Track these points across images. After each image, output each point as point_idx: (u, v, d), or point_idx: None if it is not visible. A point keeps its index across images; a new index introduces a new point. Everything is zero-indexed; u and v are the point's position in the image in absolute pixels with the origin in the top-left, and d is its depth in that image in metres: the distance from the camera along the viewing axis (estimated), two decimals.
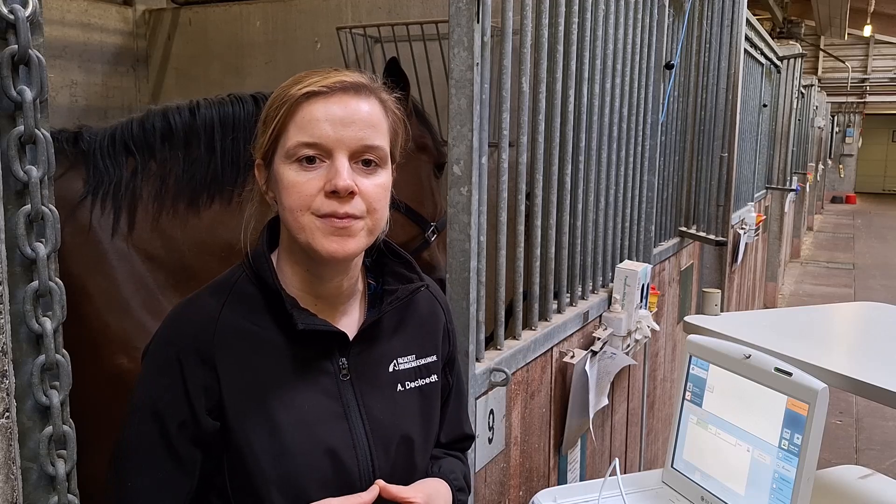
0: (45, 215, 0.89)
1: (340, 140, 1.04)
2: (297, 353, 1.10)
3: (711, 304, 2.15)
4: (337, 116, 1.04)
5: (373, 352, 1.16)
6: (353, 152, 1.05)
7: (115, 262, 1.79)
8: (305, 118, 1.05)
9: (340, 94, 1.06)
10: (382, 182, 1.09)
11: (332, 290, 1.14)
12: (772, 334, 1.92)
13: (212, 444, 1.08)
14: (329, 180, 1.03)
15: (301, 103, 1.05)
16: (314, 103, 1.05)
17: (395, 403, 1.16)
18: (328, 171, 1.04)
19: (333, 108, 1.05)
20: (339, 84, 1.06)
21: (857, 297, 9.22)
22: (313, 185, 1.04)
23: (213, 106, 1.90)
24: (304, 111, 1.05)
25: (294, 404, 1.08)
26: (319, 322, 1.09)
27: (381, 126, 1.09)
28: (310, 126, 1.04)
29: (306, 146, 1.04)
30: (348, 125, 1.04)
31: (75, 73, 3.74)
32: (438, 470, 1.25)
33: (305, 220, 1.04)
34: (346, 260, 1.08)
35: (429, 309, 1.26)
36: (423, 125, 2.32)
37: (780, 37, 9.47)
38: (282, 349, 1.09)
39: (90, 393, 1.47)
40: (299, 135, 1.05)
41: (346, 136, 1.04)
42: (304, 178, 1.04)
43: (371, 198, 1.06)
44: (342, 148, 1.04)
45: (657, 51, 2.87)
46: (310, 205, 1.04)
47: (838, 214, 20.55)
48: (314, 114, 1.04)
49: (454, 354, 1.31)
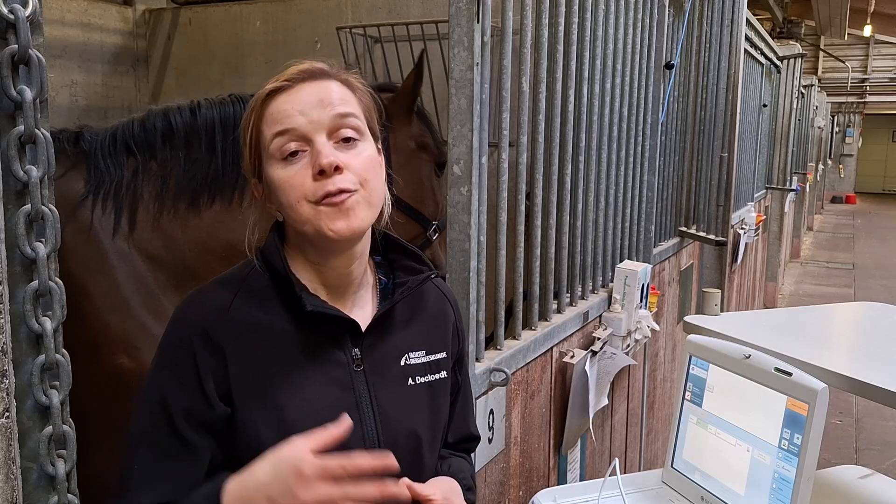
0: (45, 215, 0.89)
1: (313, 122, 1.06)
2: (309, 341, 1.10)
3: (711, 304, 2.15)
4: (304, 102, 1.07)
5: (385, 344, 1.16)
6: (329, 130, 1.07)
7: (116, 261, 1.79)
8: (274, 114, 1.07)
9: (300, 83, 1.08)
10: (367, 154, 1.10)
11: (343, 279, 1.14)
12: (772, 334, 1.92)
13: (221, 432, 1.08)
14: (314, 163, 1.05)
15: (267, 103, 1.08)
16: (279, 98, 1.08)
17: (406, 397, 1.16)
18: (311, 156, 1.06)
19: (298, 96, 1.07)
20: (298, 74, 1.09)
21: (857, 297, 9.22)
22: (301, 174, 1.05)
23: (214, 106, 1.90)
24: (270, 109, 1.08)
25: (303, 394, 1.08)
26: (329, 307, 1.10)
27: (349, 101, 1.11)
28: (280, 118, 1.07)
29: (281, 135, 1.06)
30: (316, 106, 1.07)
31: (75, 73, 3.74)
32: (448, 469, 1.25)
33: (305, 209, 1.06)
34: (353, 237, 1.09)
35: (439, 306, 1.27)
36: (423, 124, 2.32)
37: (780, 37, 9.46)
38: (293, 338, 1.10)
39: (90, 392, 1.47)
40: (272, 128, 1.07)
41: (317, 116, 1.06)
42: (292, 172, 1.06)
43: (359, 169, 1.07)
44: (318, 130, 1.06)
45: (657, 51, 2.87)
46: (304, 193, 1.05)
47: (838, 214, 20.55)
48: (281, 107, 1.07)
49: (463, 353, 1.31)
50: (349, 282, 1.15)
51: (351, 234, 1.07)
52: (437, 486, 1.15)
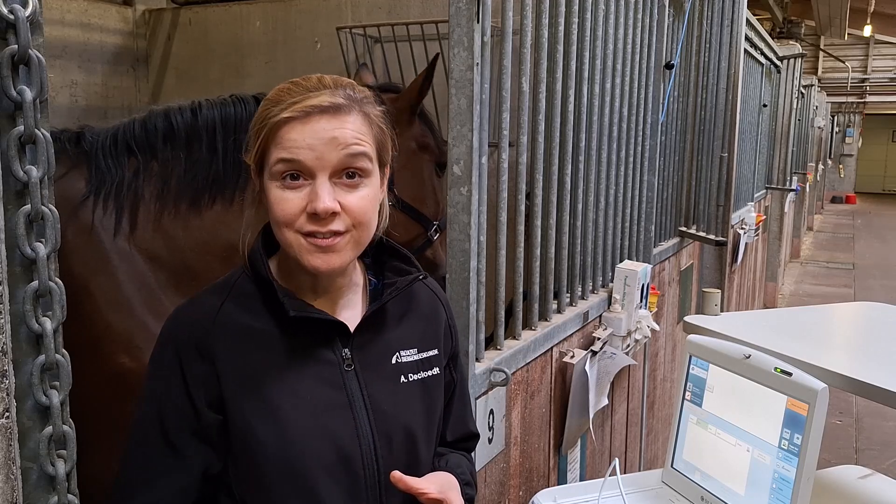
0: (45, 215, 0.89)
1: (320, 160, 1.05)
2: (297, 344, 1.11)
3: (711, 304, 2.15)
4: (315, 138, 1.05)
5: (376, 343, 1.17)
6: (335, 169, 1.06)
7: (118, 261, 1.80)
8: (285, 139, 1.06)
9: (317, 117, 1.06)
10: (367, 194, 1.09)
11: (330, 285, 1.16)
12: (772, 334, 1.92)
13: (216, 441, 1.09)
14: (310, 202, 1.04)
15: (280, 126, 1.06)
16: (292, 127, 1.06)
17: (399, 395, 1.17)
18: (310, 191, 1.05)
19: (311, 131, 1.05)
20: (314, 108, 1.06)
21: (857, 297, 9.22)
22: (296, 204, 1.05)
23: (215, 107, 1.90)
24: (282, 133, 1.06)
25: (297, 394, 1.09)
26: (314, 310, 1.11)
27: (363, 138, 1.09)
28: (289, 145, 1.05)
29: (286, 163, 1.05)
30: (327, 144, 1.05)
31: (75, 73, 3.74)
32: (445, 464, 1.26)
33: (290, 236, 1.07)
34: (331, 273, 1.11)
35: (430, 305, 1.28)
36: (425, 124, 2.32)
37: (780, 37, 9.46)
38: (281, 341, 1.11)
39: (91, 392, 1.47)
40: (279, 152, 1.06)
41: (325, 156, 1.05)
42: (288, 197, 1.06)
43: (355, 213, 1.07)
44: (323, 168, 1.05)
45: (657, 51, 2.87)
46: (293, 223, 1.06)
47: (838, 214, 20.54)
48: (292, 135, 1.05)
49: (456, 351, 1.32)
50: (337, 286, 1.17)
51: (328, 271, 1.08)
52: (432, 480, 1.16)
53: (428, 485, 1.12)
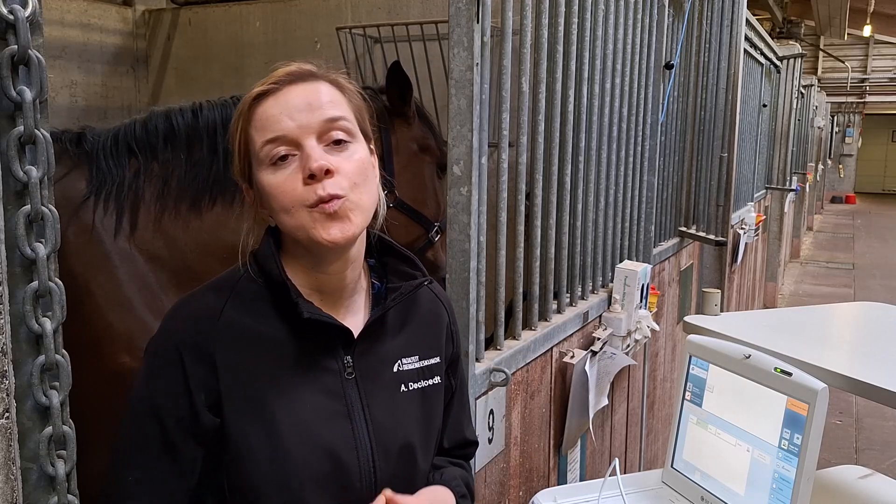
0: (44, 215, 0.89)
1: (302, 126, 1.04)
2: (301, 349, 1.09)
3: (711, 304, 2.15)
4: (292, 105, 1.05)
5: (377, 351, 1.15)
6: (318, 133, 1.05)
7: (118, 261, 1.80)
8: (262, 118, 1.05)
9: (288, 86, 1.06)
10: (359, 156, 1.08)
11: (337, 283, 1.13)
12: (772, 334, 1.92)
13: (210, 443, 1.07)
14: (304, 167, 1.03)
15: (254, 107, 1.06)
16: (266, 102, 1.06)
17: (398, 405, 1.15)
18: (301, 158, 1.04)
19: (286, 99, 1.05)
20: (285, 77, 1.07)
21: (856, 297, 9.22)
22: (292, 178, 1.04)
23: (216, 108, 1.90)
24: (258, 113, 1.06)
25: (294, 403, 1.07)
26: (325, 314, 1.08)
27: (339, 102, 1.08)
28: (269, 123, 1.05)
29: (271, 143, 1.04)
30: (304, 109, 1.05)
31: (75, 74, 3.74)
32: (440, 477, 1.23)
33: (297, 216, 1.04)
34: (348, 243, 1.07)
35: (432, 309, 1.25)
36: (425, 126, 2.32)
37: (779, 37, 9.46)
38: (285, 346, 1.09)
39: (92, 392, 1.47)
40: (262, 135, 1.05)
41: (305, 120, 1.04)
42: (283, 177, 1.04)
43: (350, 172, 1.05)
44: (307, 133, 1.04)
45: (657, 51, 2.87)
46: (296, 199, 1.03)
47: (838, 214, 20.54)
48: (269, 111, 1.05)
49: (457, 355, 1.29)
50: (343, 286, 1.14)
51: (346, 240, 1.05)
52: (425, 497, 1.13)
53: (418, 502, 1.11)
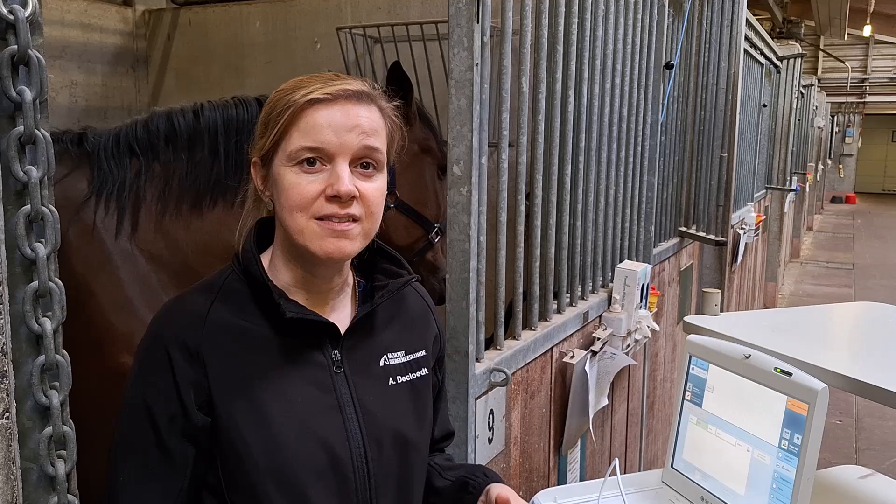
0: (44, 215, 0.89)
1: (342, 145, 1.07)
2: (288, 345, 1.11)
3: (711, 304, 2.15)
4: (339, 123, 1.07)
5: (365, 346, 1.18)
6: (354, 157, 1.08)
7: (120, 261, 1.80)
8: (309, 124, 1.07)
9: (343, 102, 1.08)
10: (380, 186, 1.12)
11: (324, 284, 1.16)
12: (772, 334, 1.92)
13: (202, 441, 1.09)
14: (331, 185, 1.06)
15: (305, 109, 1.08)
16: (318, 110, 1.08)
17: (388, 397, 1.18)
18: (329, 175, 1.06)
19: (336, 115, 1.07)
20: (341, 92, 1.09)
21: (857, 297, 9.22)
22: (314, 188, 1.06)
23: (217, 108, 1.90)
24: (307, 117, 1.08)
25: (286, 396, 1.09)
26: (308, 312, 1.11)
27: (380, 132, 1.12)
28: (313, 131, 1.07)
29: (309, 150, 1.07)
30: (350, 130, 1.07)
31: (75, 74, 3.74)
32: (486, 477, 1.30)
33: (304, 222, 1.07)
34: (342, 260, 1.12)
35: (418, 309, 1.29)
36: (426, 127, 2.32)
37: (779, 37, 9.46)
38: (272, 342, 1.11)
39: (93, 392, 1.47)
40: (302, 139, 1.07)
41: (347, 141, 1.07)
42: (306, 181, 1.06)
43: (370, 201, 1.09)
44: (344, 153, 1.07)
45: (657, 51, 2.87)
46: (309, 207, 1.06)
47: (838, 214, 20.54)
48: (317, 120, 1.07)
49: (443, 355, 1.35)
50: (330, 288, 1.17)
51: (341, 258, 1.09)
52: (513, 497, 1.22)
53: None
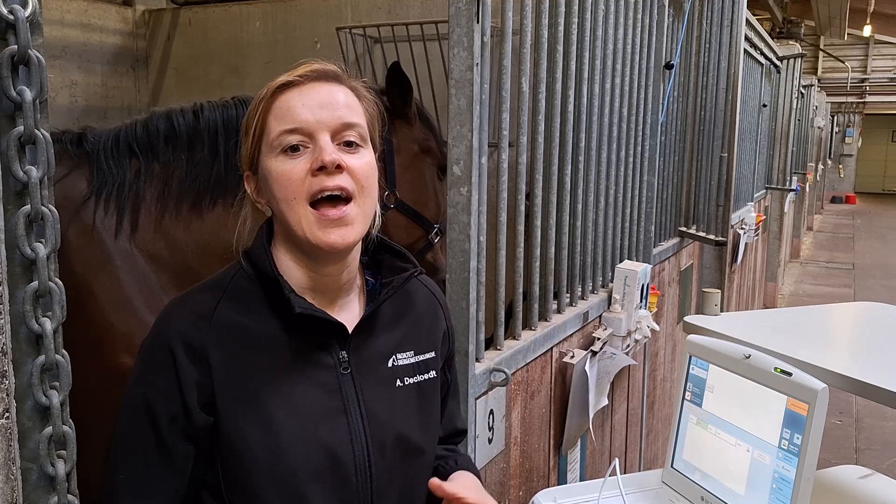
0: (44, 215, 0.89)
1: (320, 122, 1.07)
2: (295, 345, 1.10)
3: (711, 304, 2.15)
4: (313, 101, 1.08)
5: (372, 346, 1.16)
6: (333, 131, 1.08)
7: (119, 261, 1.80)
8: (283, 108, 1.08)
9: (313, 82, 1.10)
10: (368, 161, 1.11)
11: (331, 283, 1.14)
12: (772, 334, 1.92)
13: (203, 441, 1.08)
14: (315, 158, 1.05)
15: (277, 96, 1.09)
16: (289, 93, 1.09)
17: (394, 399, 1.16)
18: (313, 153, 1.06)
19: (308, 94, 1.08)
20: (310, 73, 1.10)
21: (856, 297, 9.22)
22: (300, 168, 1.06)
23: (217, 109, 1.90)
24: (280, 102, 1.09)
25: (290, 398, 1.08)
26: (317, 310, 1.10)
27: (356, 108, 1.12)
28: (289, 114, 1.07)
29: (288, 133, 1.07)
30: (325, 107, 1.08)
31: (75, 74, 3.74)
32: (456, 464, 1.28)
33: (300, 210, 1.06)
34: (346, 250, 1.10)
35: (428, 307, 1.27)
36: (427, 128, 2.32)
37: (779, 37, 9.46)
38: (279, 342, 1.10)
39: (93, 392, 1.47)
40: (280, 124, 1.07)
41: (324, 117, 1.07)
42: (291, 165, 1.07)
43: (359, 174, 1.08)
44: (323, 129, 1.07)
45: (657, 51, 2.87)
46: (300, 189, 1.06)
47: (838, 214, 20.54)
48: (290, 102, 1.08)
49: (453, 353, 1.33)
50: (338, 286, 1.15)
51: (345, 246, 1.08)
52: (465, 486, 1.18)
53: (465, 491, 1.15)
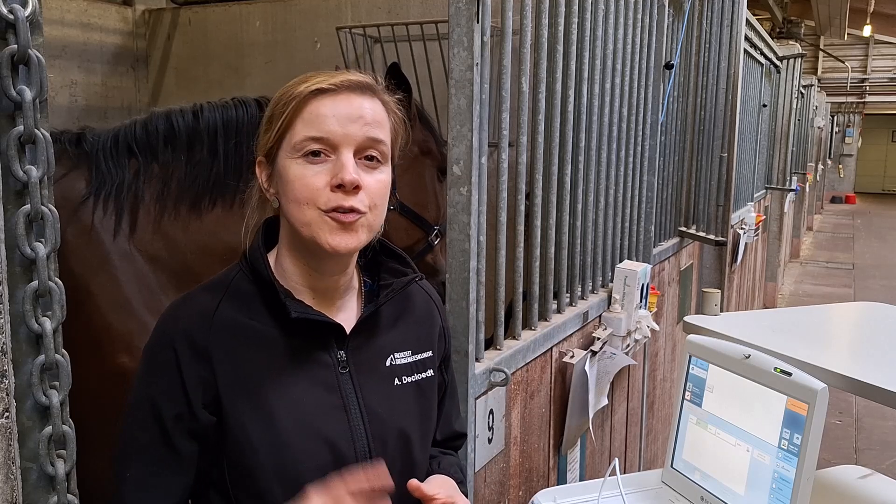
0: (44, 215, 0.89)
1: (347, 135, 1.07)
2: (294, 345, 1.11)
3: (711, 304, 2.15)
4: (343, 113, 1.07)
5: (371, 346, 1.18)
6: (358, 148, 1.08)
7: (118, 262, 1.80)
8: (313, 114, 1.08)
9: (347, 93, 1.09)
10: (384, 178, 1.12)
11: (330, 284, 1.16)
12: (772, 334, 1.92)
13: (208, 439, 1.09)
14: (335, 174, 1.06)
15: (309, 100, 1.08)
16: (322, 100, 1.08)
17: (393, 397, 1.18)
18: (334, 165, 1.06)
19: (340, 105, 1.08)
20: (346, 83, 1.09)
21: (856, 297, 9.22)
22: (320, 178, 1.06)
23: (217, 109, 1.90)
24: (311, 107, 1.08)
25: (292, 396, 1.09)
26: (314, 312, 1.11)
27: (384, 124, 1.12)
28: (317, 121, 1.07)
29: (314, 140, 1.07)
30: (354, 121, 1.07)
31: (75, 73, 3.74)
32: (438, 466, 1.28)
33: (311, 214, 1.06)
34: (347, 254, 1.11)
35: (425, 307, 1.28)
36: (427, 129, 2.32)
37: (779, 37, 9.46)
38: (278, 342, 1.11)
39: (92, 392, 1.47)
40: (307, 130, 1.07)
41: (351, 131, 1.07)
42: (311, 172, 1.06)
43: (374, 193, 1.09)
44: (348, 143, 1.07)
45: (657, 51, 2.87)
46: (316, 198, 1.06)
47: (838, 214, 20.54)
48: (321, 110, 1.07)
49: (448, 353, 1.34)
50: (336, 287, 1.17)
51: (346, 251, 1.08)
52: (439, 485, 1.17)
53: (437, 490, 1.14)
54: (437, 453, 1.31)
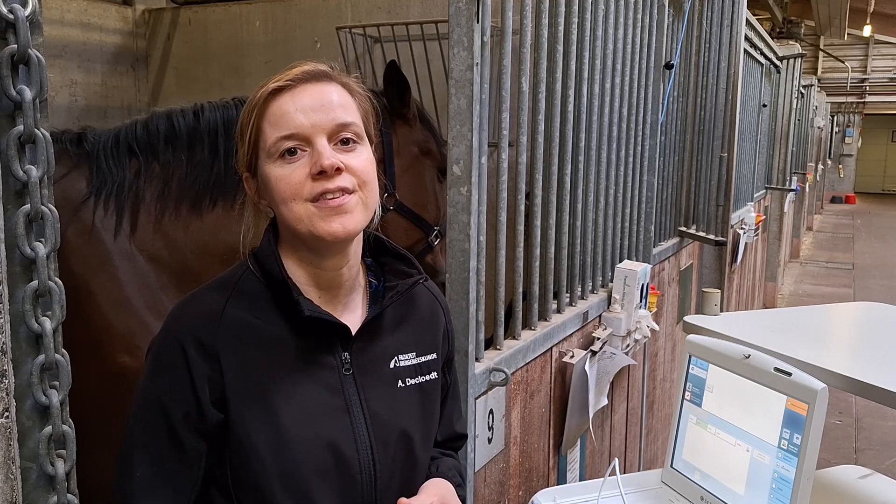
0: (44, 215, 0.89)
1: (315, 125, 1.07)
2: (301, 346, 1.11)
3: (711, 304, 2.15)
4: (307, 104, 1.08)
5: (375, 347, 1.17)
6: (329, 134, 1.08)
7: (119, 261, 1.80)
8: (277, 114, 1.08)
9: (304, 84, 1.09)
10: (366, 156, 1.12)
11: (335, 279, 1.15)
12: (772, 334, 1.92)
13: (214, 438, 1.09)
14: (314, 163, 1.06)
15: (269, 102, 1.09)
16: (282, 98, 1.08)
17: (396, 399, 1.18)
18: (311, 156, 1.07)
19: (301, 98, 1.08)
20: (301, 75, 1.10)
21: (856, 297, 9.22)
22: (299, 173, 1.06)
23: (217, 109, 1.90)
24: (273, 108, 1.08)
25: (295, 398, 1.09)
26: (324, 312, 1.11)
27: (349, 106, 1.12)
28: (283, 120, 1.07)
29: (285, 139, 1.07)
30: (318, 110, 1.08)
31: (75, 73, 3.74)
32: (437, 469, 1.28)
33: (300, 208, 1.07)
34: (348, 238, 1.10)
35: (429, 308, 1.28)
36: (427, 129, 2.32)
37: (779, 37, 9.46)
38: (285, 343, 1.11)
39: (92, 392, 1.47)
40: (275, 131, 1.08)
41: (319, 120, 1.07)
42: (290, 170, 1.07)
43: (358, 171, 1.09)
44: (318, 132, 1.07)
45: (657, 51, 2.87)
46: (300, 192, 1.06)
47: (838, 214, 20.54)
48: (284, 107, 1.08)
49: (452, 355, 1.33)
50: (340, 283, 1.16)
51: (346, 235, 1.08)
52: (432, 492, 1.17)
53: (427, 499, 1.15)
54: (437, 454, 1.31)
